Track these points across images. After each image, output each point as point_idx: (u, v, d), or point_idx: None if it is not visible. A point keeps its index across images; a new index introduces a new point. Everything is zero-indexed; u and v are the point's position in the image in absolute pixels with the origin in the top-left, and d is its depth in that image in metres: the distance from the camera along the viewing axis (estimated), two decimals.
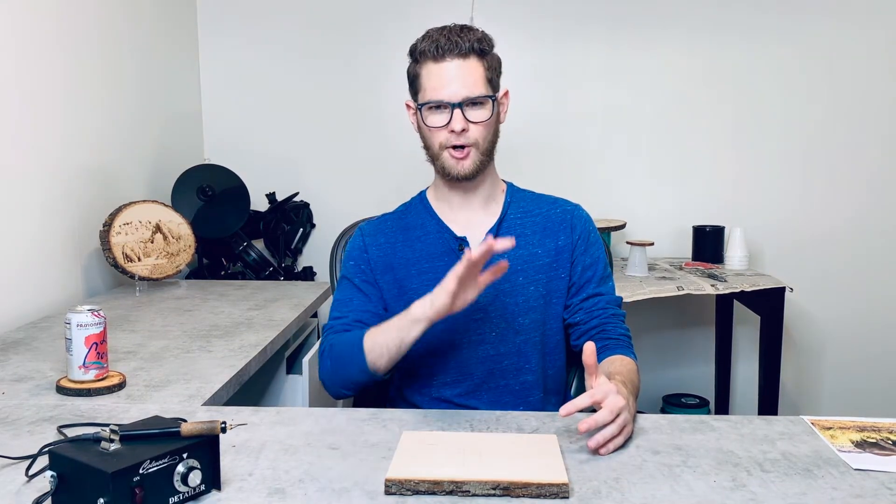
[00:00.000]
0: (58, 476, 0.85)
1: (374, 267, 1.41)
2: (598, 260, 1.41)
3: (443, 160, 1.34)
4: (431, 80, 1.32)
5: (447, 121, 1.31)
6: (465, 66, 1.30)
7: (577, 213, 1.43)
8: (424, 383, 1.41)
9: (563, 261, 1.39)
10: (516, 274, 1.37)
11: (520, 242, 1.38)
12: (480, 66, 1.32)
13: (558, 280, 1.39)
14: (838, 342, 3.07)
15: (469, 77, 1.30)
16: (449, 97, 1.30)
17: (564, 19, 2.96)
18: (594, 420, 1.04)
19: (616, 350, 1.32)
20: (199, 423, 0.90)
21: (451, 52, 1.30)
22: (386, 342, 1.23)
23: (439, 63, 1.31)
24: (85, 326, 1.30)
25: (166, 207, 2.32)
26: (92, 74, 2.24)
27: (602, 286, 1.40)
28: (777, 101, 2.97)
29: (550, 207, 1.43)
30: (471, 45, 1.30)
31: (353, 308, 1.38)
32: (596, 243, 1.43)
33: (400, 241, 1.41)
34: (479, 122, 1.31)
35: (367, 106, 3.04)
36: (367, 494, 0.92)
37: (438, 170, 1.37)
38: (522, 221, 1.41)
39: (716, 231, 2.87)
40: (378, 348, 1.24)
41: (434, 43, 1.31)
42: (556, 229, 1.40)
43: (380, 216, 1.49)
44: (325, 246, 3.00)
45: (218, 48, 3.04)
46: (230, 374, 1.44)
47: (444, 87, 1.30)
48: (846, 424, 1.16)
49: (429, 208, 1.43)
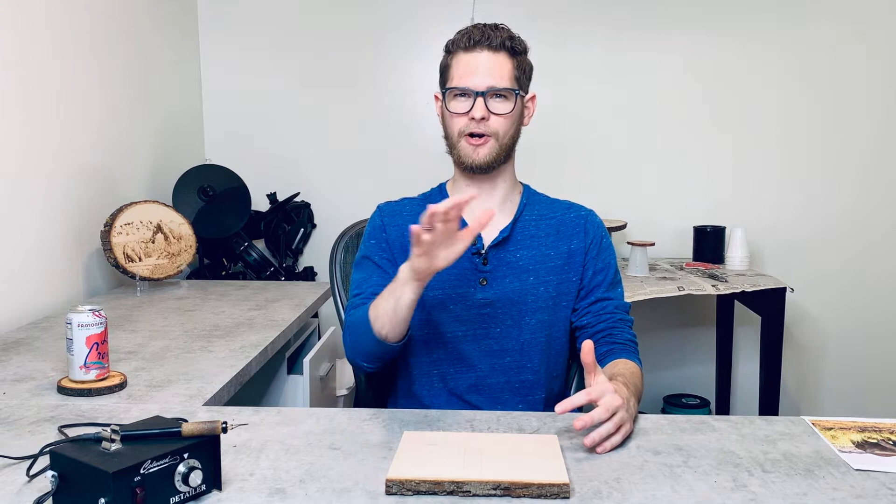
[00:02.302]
0: (59, 476, 0.85)
1: (393, 246, 1.41)
2: (609, 266, 1.43)
3: (459, 148, 1.36)
4: (460, 69, 1.34)
5: (469, 108, 1.32)
6: (495, 59, 1.33)
7: (590, 219, 1.45)
8: (427, 371, 1.41)
9: (575, 264, 1.41)
10: (527, 273, 1.38)
11: (532, 243, 1.40)
12: (509, 63, 1.34)
13: (569, 283, 1.40)
14: (839, 342, 3.07)
15: (496, 69, 1.32)
16: (474, 85, 1.32)
17: (565, 19, 2.96)
18: (590, 417, 1.04)
19: (621, 355, 1.32)
20: (199, 424, 0.90)
21: (482, 44, 1.33)
22: (385, 308, 1.23)
23: (470, 53, 1.33)
24: (86, 326, 1.30)
25: (167, 207, 2.33)
26: (93, 74, 2.24)
27: (611, 291, 1.41)
28: (778, 102, 2.97)
29: (565, 212, 1.45)
30: (502, 41, 1.33)
31: (371, 284, 1.38)
32: (608, 249, 1.44)
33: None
34: (501, 113, 1.33)
35: (368, 106, 3.04)
36: (367, 494, 0.92)
37: (455, 159, 1.38)
38: (537, 223, 1.42)
39: (716, 231, 2.86)
40: (380, 316, 1.24)
41: (467, 34, 1.34)
42: (570, 233, 1.42)
43: (400, 199, 1.49)
44: (325, 246, 2.99)
45: (219, 48, 3.04)
46: (231, 375, 1.44)
47: (471, 75, 1.32)
48: (847, 425, 1.16)
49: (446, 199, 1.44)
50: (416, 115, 3.03)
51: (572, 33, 2.96)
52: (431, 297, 1.38)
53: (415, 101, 3.02)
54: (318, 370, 2.05)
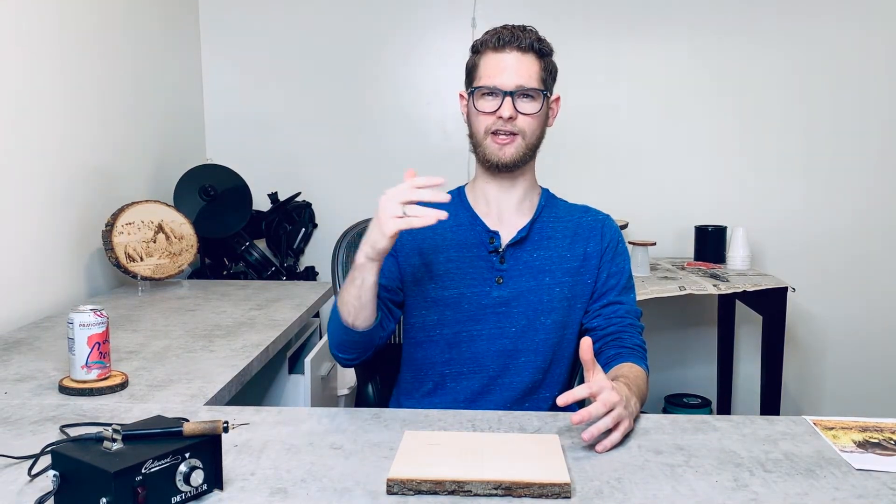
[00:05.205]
0: (60, 475, 0.85)
1: (402, 245, 1.41)
2: (623, 271, 1.44)
3: (485, 146, 1.36)
4: (488, 68, 1.35)
5: (497, 107, 1.33)
6: (523, 60, 1.34)
7: (607, 223, 1.46)
8: (440, 371, 1.41)
9: (591, 267, 1.41)
10: (543, 274, 1.39)
11: (550, 244, 1.41)
12: (537, 64, 1.35)
13: (583, 285, 1.41)
14: (841, 342, 3.07)
15: (524, 70, 1.33)
16: (503, 84, 1.33)
17: (565, 20, 2.96)
18: (588, 412, 1.05)
19: (628, 359, 1.32)
20: (201, 423, 0.90)
21: (511, 44, 1.34)
22: (350, 295, 1.25)
23: (499, 52, 1.34)
24: (87, 326, 1.30)
25: (168, 207, 2.33)
26: (94, 74, 2.24)
27: (623, 295, 1.42)
28: (779, 101, 2.97)
29: (582, 215, 1.46)
30: (531, 43, 1.34)
31: None
32: (623, 254, 1.45)
33: (431, 226, 1.42)
34: (529, 113, 1.34)
35: (370, 106, 3.04)
36: (368, 494, 0.92)
37: (480, 157, 1.39)
38: (554, 225, 1.43)
39: (718, 231, 2.86)
40: (346, 303, 1.26)
41: (497, 35, 1.35)
42: (587, 235, 1.43)
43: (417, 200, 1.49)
44: (327, 246, 2.99)
45: (220, 48, 3.04)
46: (232, 374, 1.44)
47: (500, 75, 1.33)
48: (848, 425, 1.16)
49: (465, 202, 1.45)
50: (417, 114, 3.03)
51: (573, 33, 2.96)
52: (447, 296, 1.38)
53: (417, 100, 3.03)
54: (320, 370, 2.05)
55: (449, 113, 2.99)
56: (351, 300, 1.25)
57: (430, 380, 1.43)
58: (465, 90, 1.41)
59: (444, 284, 1.39)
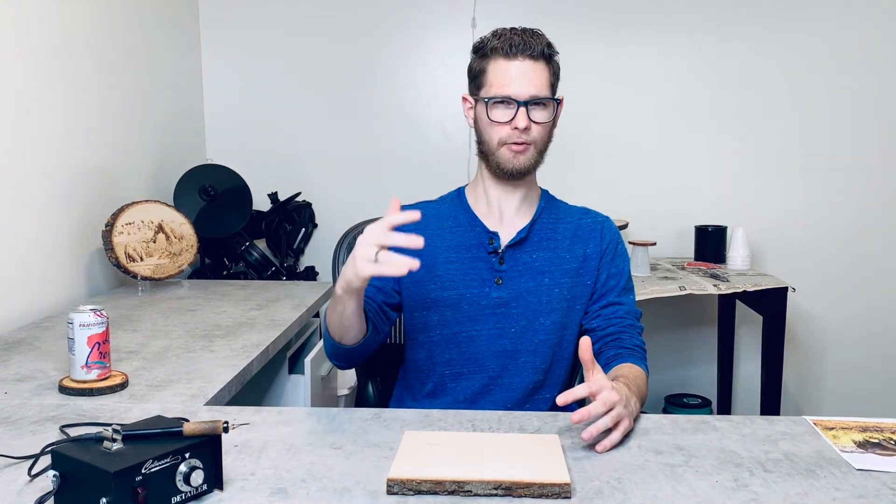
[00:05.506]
0: (60, 476, 0.85)
1: (401, 247, 1.40)
2: (623, 272, 1.44)
3: (499, 155, 1.36)
4: (500, 77, 1.33)
5: (510, 117, 1.32)
6: (535, 68, 1.33)
7: (607, 225, 1.47)
8: (439, 371, 1.41)
9: (590, 268, 1.42)
10: (542, 275, 1.39)
11: (549, 245, 1.41)
12: (547, 71, 1.35)
13: (583, 286, 1.41)
14: (841, 342, 3.07)
15: (537, 78, 1.33)
16: (516, 94, 1.32)
17: (565, 19, 2.96)
18: (587, 411, 1.05)
19: (628, 359, 1.33)
20: (201, 423, 0.90)
21: (523, 52, 1.32)
22: (333, 317, 1.26)
23: (511, 60, 1.33)
24: (87, 326, 1.30)
25: (168, 207, 2.33)
26: (94, 74, 2.24)
27: (623, 296, 1.42)
28: (779, 101, 2.97)
29: (582, 217, 1.46)
30: (542, 49, 1.33)
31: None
32: (622, 255, 1.46)
33: (431, 227, 1.42)
34: (542, 122, 1.34)
35: (370, 106, 3.04)
36: (369, 494, 0.92)
37: (492, 165, 1.38)
38: (554, 226, 1.43)
39: (718, 231, 2.86)
40: (331, 324, 1.27)
41: (508, 41, 1.33)
42: (586, 237, 1.43)
43: (416, 202, 1.49)
44: (327, 246, 3.01)
45: (220, 48, 3.04)
46: (232, 374, 1.44)
47: (513, 84, 1.32)
48: (849, 425, 1.16)
49: (464, 203, 1.45)
50: (417, 114, 3.03)
51: (573, 33, 2.96)
52: (446, 296, 1.39)
53: (417, 100, 3.02)
54: (320, 370, 2.05)
55: (449, 113, 2.99)
56: (335, 323, 1.26)
57: (430, 380, 1.43)
58: (471, 94, 1.40)
59: (443, 285, 1.39)
